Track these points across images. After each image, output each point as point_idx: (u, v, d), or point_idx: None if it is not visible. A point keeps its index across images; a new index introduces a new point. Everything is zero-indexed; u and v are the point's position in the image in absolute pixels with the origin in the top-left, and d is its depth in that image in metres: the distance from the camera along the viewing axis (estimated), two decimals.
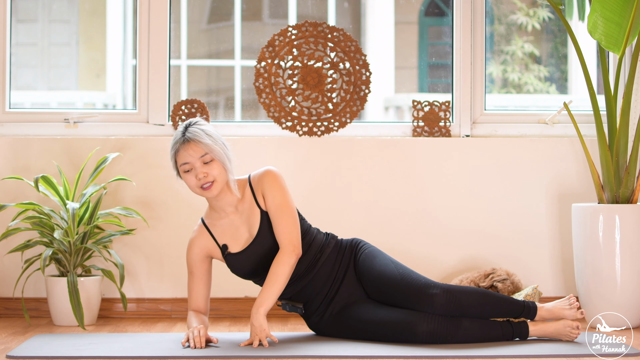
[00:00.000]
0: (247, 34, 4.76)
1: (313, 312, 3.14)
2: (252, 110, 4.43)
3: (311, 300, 3.14)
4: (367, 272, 3.10)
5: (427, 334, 2.92)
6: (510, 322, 3.02)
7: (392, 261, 3.11)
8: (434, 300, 2.92)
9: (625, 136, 3.67)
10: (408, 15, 5.09)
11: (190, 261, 3.12)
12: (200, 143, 2.94)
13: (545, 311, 3.07)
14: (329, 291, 3.12)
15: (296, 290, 3.13)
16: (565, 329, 3.04)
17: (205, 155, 2.96)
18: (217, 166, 2.97)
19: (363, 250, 3.17)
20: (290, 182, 3.95)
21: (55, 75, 4.89)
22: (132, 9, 4.75)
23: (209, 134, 2.98)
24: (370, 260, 3.13)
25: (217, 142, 2.98)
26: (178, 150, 2.97)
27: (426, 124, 4.07)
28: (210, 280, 3.15)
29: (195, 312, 3.11)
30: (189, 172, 2.97)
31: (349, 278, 3.13)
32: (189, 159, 2.95)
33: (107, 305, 3.90)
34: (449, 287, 2.96)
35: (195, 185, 2.98)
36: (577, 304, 3.08)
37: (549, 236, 4.03)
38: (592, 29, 3.63)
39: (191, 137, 2.95)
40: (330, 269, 3.14)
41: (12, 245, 3.83)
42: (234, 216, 3.09)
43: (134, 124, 4.04)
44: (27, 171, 3.91)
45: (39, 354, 2.84)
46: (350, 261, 3.16)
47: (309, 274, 3.12)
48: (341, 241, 3.22)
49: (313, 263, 3.12)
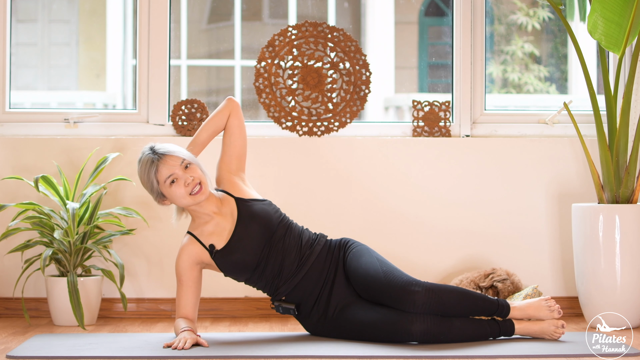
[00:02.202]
0: (247, 34, 4.76)
1: (307, 314, 3.15)
2: (252, 110, 4.43)
3: (304, 302, 3.15)
4: (354, 272, 3.12)
5: (421, 333, 2.93)
6: (496, 321, 3.05)
7: (378, 259, 3.13)
8: (415, 298, 2.94)
9: (625, 136, 3.67)
10: (408, 15, 5.09)
11: (178, 269, 3.13)
12: (173, 153, 3.07)
13: (518, 311, 3.09)
14: (320, 292, 3.13)
15: (288, 289, 3.14)
16: (549, 327, 3.07)
17: (183, 162, 3.06)
18: (196, 169, 3.08)
19: (351, 250, 3.20)
20: (289, 181, 3.96)
21: (55, 75, 4.89)
22: (132, 9, 4.75)
23: (174, 145, 3.12)
24: (356, 260, 3.15)
25: (184, 150, 3.12)
26: (157, 168, 3.05)
27: (426, 124, 4.07)
28: (199, 290, 3.15)
29: (184, 319, 3.11)
30: (174, 184, 3.04)
31: (340, 278, 3.15)
32: (172, 169, 3.04)
33: (107, 305, 3.90)
34: (430, 286, 2.97)
35: (185, 194, 3.04)
36: (557, 306, 3.10)
37: (549, 236, 4.03)
38: (592, 29, 3.63)
39: (163, 152, 3.07)
40: (321, 269, 3.16)
41: (12, 245, 3.83)
42: (218, 217, 3.13)
43: (134, 124, 4.04)
44: (27, 171, 3.91)
45: (39, 354, 2.84)
46: (340, 261, 3.19)
47: (300, 271, 3.13)
48: (330, 241, 3.25)
49: (304, 260, 3.14)
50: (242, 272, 3.13)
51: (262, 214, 3.15)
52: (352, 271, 3.14)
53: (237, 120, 3.28)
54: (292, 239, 3.16)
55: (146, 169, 3.05)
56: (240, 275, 3.14)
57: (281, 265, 3.12)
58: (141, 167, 3.07)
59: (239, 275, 3.15)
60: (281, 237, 3.15)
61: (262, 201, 3.21)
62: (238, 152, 3.27)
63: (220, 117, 3.27)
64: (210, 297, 3.90)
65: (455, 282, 3.79)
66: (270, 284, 3.15)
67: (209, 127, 3.27)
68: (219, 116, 3.27)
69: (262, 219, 3.14)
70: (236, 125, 3.27)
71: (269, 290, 3.18)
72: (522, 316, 3.09)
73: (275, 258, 3.12)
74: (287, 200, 3.90)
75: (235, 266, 3.11)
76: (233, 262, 3.10)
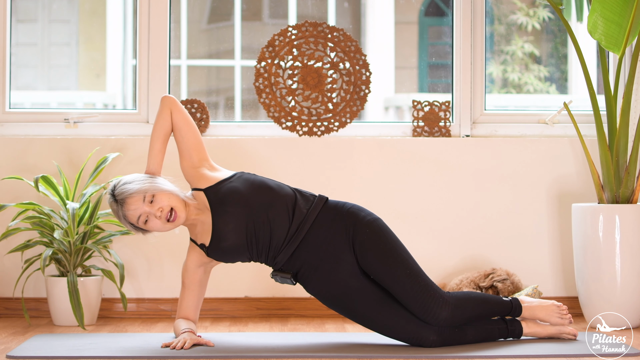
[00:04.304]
0: (247, 34, 4.76)
1: (307, 278, 3.02)
2: (252, 110, 4.44)
3: (304, 269, 3.01)
4: (370, 264, 2.97)
5: (435, 343, 2.92)
6: (505, 323, 3.04)
7: (401, 255, 2.97)
8: (440, 316, 2.91)
9: (625, 136, 3.67)
10: (408, 15, 5.09)
11: (182, 272, 3.12)
12: (132, 194, 2.97)
13: (528, 311, 3.07)
14: (321, 263, 2.99)
15: (285, 258, 3.02)
16: (560, 335, 3.08)
17: (145, 197, 2.97)
18: (162, 196, 2.98)
19: (365, 229, 3.01)
20: (289, 181, 3.95)
21: (55, 75, 4.89)
22: (132, 9, 4.75)
23: (132, 182, 3.00)
24: (374, 250, 2.98)
25: (142, 182, 3.00)
26: (125, 214, 2.98)
27: (426, 124, 4.07)
28: (202, 293, 3.12)
29: (184, 319, 3.09)
30: (148, 220, 2.98)
31: (347, 257, 3.00)
32: (138, 210, 2.96)
33: (107, 305, 3.90)
34: (457, 303, 2.93)
35: (161, 225, 2.98)
36: (569, 315, 3.08)
37: (549, 236, 4.03)
38: (592, 29, 3.63)
39: (122, 197, 2.97)
40: (323, 237, 3.01)
41: (12, 245, 3.83)
42: (202, 216, 3.06)
43: (134, 124, 4.04)
44: (27, 171, 3.91)
45: (39, 354, 2.84)
46: (349, 236, 3.01)
47: (296, 238, 3.00)
48: (335, 205, 3.08)
49: (299, 227, 3.01)
50: (238, 255, 3.04)
51: (230, 194, 3.02)
52: (367, 263, 2.98)
53: (180, 114, 3.14)
54: (279, 205, 3.02)
55: (116, 215, 3.01)
56: (239, 258, 3.06)
57: (271, 236, 3.00)
58: (113, 213, 3.04)
59: (239, 259, 3.06)
60: (262, 207, 3.01)
61: (229, 179, 3.07)
62: (193, 144, 3.13)
63: (164, 118, 3.13)
64: (210, 297, 3.90)
65: (455, 282, 3.79)
66: (267, 256, 3.03)
67: (158, 134, 3.14)
68: (162, 118, 3.14)
69: (232, 199, 3.01)
70: (181, 119, 3.13)
71: (269, 262, 3.06)
72: (530, 316, 3.07)
73: (263, 231, 2.99)
74: None
75: (229, 253, 3.03)
76: (224, 251, 3.02)
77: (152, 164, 3.12)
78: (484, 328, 3.01)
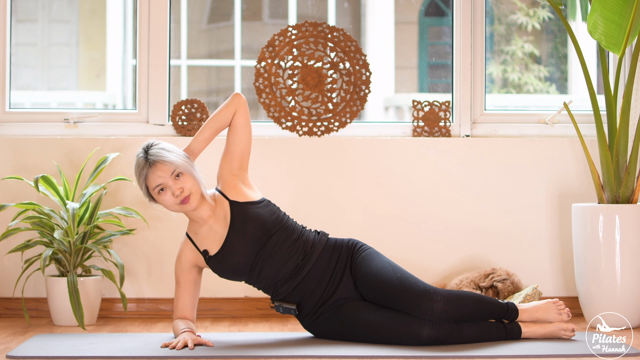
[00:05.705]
0: (247, 34, 4.76)
1: (309, 313, 3.12)
2: (252, 110, 4.43)
3: (305, 301, 3.11)
4: (364, 276, 3.07)
5: (431, 338, 2.92)
6: (504, 325, 3.04)
7: (390, 264, 3.08)
8: (434, 307, 2.91)
9: (625, 136, 3.67)
10: (408, 15, 5.09)
11: (176, 271, 3.13)
12: (165, 162, 2.98)
13: (526, 314, 3.07)
14: (324, 292, 3.09)
15: (289, 290, 3.10)
16: (558, 332, 3.07)
17: (175, 171, 2.98)
18: (188, 179, 3.01)
19: (360, 253, 3.14)
20: (290, 181, 3.96)
21: (55, 75, 4.89)
22: (132, 9, 4.75)
23: (171, 151, 3.02)
24: (366, 263, 3.09)
25: (180, 157, 3.02)
26: (147, 175, 2.99)
27: (426, 124, 4.07)
28: (197, 291, 3.14)
29: (183, 320, 3.10)
30: (163, 192, 2.99)
31: (346, 281, 3.11)
32: (161, 180, 2.98)
33: (107, 305, 3.90)
34: (448, 295, 2.94)
35: (172, 203, 3.00)
36: (566, 309, 3.09)
37: (549, 236, 4.03)
38: (592, 29, 3.63)
39: (155, 159, 2.98)
40: (324, 269, 3.11)
41: (12, 245, 3.83)
42: (212, 221, 3.08)
43: (134, 124, 4.04)
44: (27, 171, 3.91)
45: (39, 354, 2.84)
46: (347, 263, 3.13)
47: (300, 272, 3.09)
48: (335, 241, 3.19)
49: (304, 261, 3.10)
50: (236, 276, 3.11)
51: (256, 219, 3.07)
52: (361, 275, 3.08)
53: (243, 118, 3.15)
54: (290, 240, 3.10)
55: (137, 172, 3.02)
56: (235, 278, 3.12)
57: (279, 268, 3.07)
58: (135, 167, 3.03)
59: (233, 279, 3.13)
60: (277, 240, 3.08)
61: (257, 203, 3.11)
62: (241, 151, 3.15)
63: (226, 113, 3.15)
64: (210, 297, 3.90)
65: (455, 282, 3.79)
66: (269, 285, 3.12)
67: (213, 124, 3.15)
68: (225, 112, 3.15)
69: (255, 224, 3.06)
70: (241, 123, 3.15)
71: (269, 291, 3.15)
72: (530, 319, 3.07)
73: (271, 262, 3.07)
74: (287, 200, 3.90)
75: (229, 271, 3.09)
76: (226, 268, 3.07)
77: (195, 146, 3.14)
78: (482, 326, 3.01)
